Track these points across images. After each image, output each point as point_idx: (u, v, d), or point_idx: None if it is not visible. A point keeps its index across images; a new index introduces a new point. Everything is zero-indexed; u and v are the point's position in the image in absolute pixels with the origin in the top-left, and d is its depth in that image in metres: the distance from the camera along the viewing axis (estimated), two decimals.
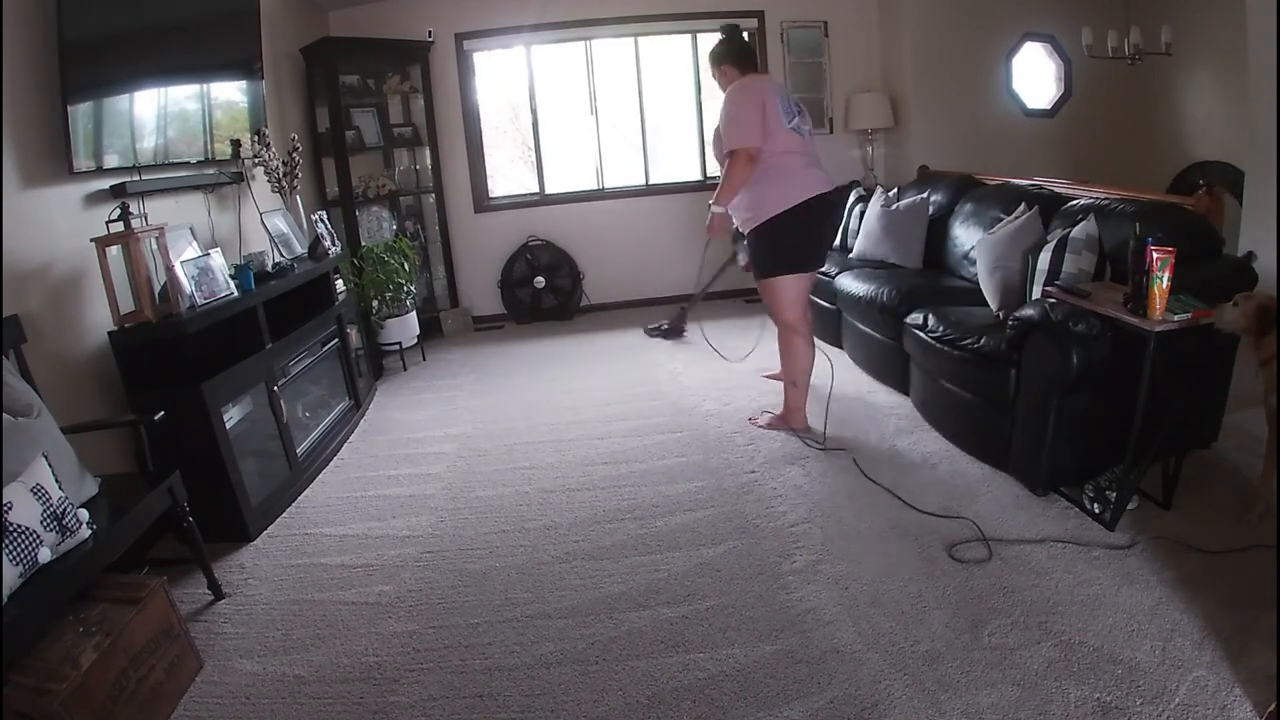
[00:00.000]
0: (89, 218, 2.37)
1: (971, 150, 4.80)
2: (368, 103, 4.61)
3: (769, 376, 3.48)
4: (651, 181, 5.32)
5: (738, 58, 2.81)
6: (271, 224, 3.26)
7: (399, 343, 4.25)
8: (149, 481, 1.98)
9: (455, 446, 3.10)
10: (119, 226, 2.26)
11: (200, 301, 2.42)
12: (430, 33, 4.75)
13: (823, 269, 3.27)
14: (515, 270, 5.13)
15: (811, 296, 3.47)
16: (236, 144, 3.13)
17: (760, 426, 2.99)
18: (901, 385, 3.15)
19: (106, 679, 1.52)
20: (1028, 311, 2.23)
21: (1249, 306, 1.88)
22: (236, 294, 2.58)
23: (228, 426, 2.40)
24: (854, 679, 1.62)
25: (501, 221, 5.17)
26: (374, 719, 1.63)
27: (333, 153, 4.37)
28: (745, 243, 3.02)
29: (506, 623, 1.92)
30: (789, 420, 2.94)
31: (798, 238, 2.71)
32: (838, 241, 4.06)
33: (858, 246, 3.94)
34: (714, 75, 2.86)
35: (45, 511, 1.57)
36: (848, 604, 1.87)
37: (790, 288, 2.78)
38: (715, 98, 5.56)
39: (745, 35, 3.04)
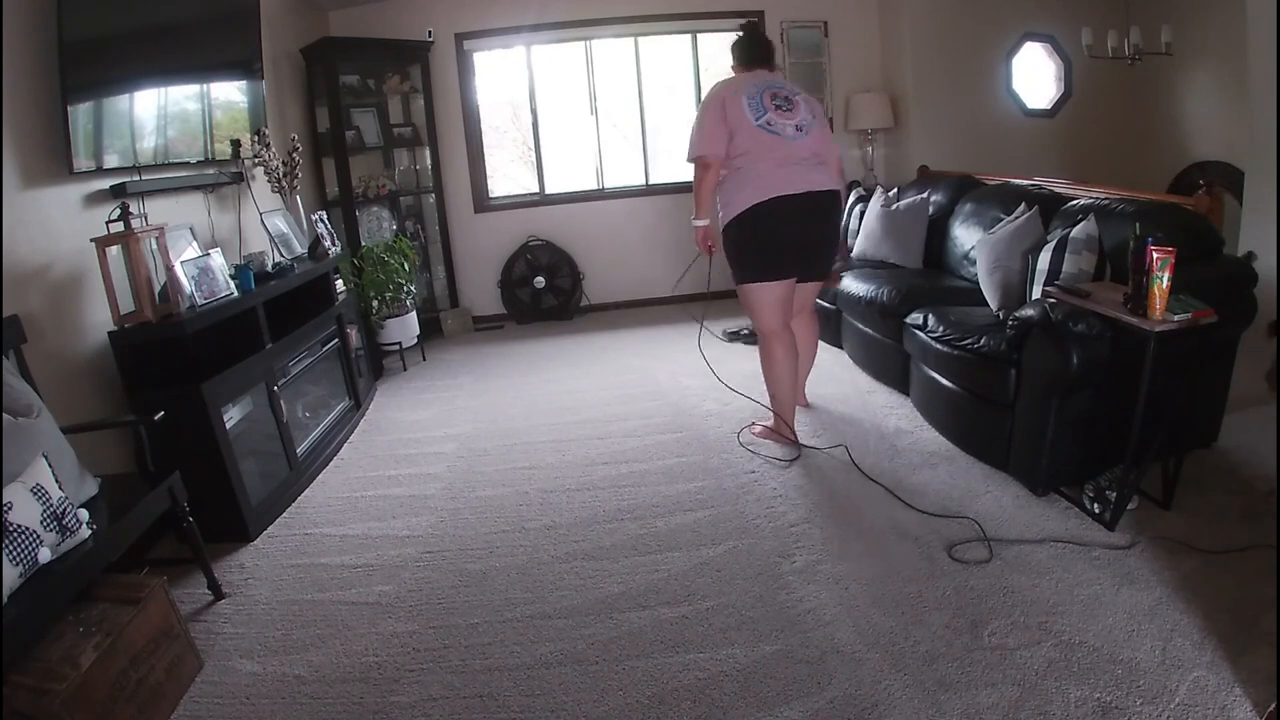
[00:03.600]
0: (89, 218, 2.37)
1: (971, 150, 4.80)
2: (368, 103, 4.61)
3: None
4: (651, 181, 5.33)
5: (738, 55, 2.74)
6: (271, 224, 3.26)
7: (399, 343, 4.25)
8: (149, 481, 1.98)
9: (455, 446, 3.10)
10: (119, 226, 2.26)
11: (200, 301, 2.42)
12: (430, 33, 4.75)
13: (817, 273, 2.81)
14: (515, 270, 5.14)
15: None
16: (236, 144, 3.13)
17: (755, 434, 2.88)
18: (901, 385, 3.15)
19: (106, 679, 1.52)
20: (1028, 311, 2.23)
21: None
22: (236, 294, 2.58)
23: (228, 426, 2.40)
24: (854, 679, 1.62)
25: (501, 221, 5.17)
26: (374, 719, 1.63)
27: (333, 153, 4.37)
28: None
29: (506, 623, 1.92)
30: (778, 435, 2.82)
31: (756, 243, 2.57)
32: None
33: (858, 246, 3.94)
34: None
35: (45, 511, 1.57)
36: (848, 604, 1.87)
37: (762, 295, 2.63)
38: None
39: (754, 29, 2.83)
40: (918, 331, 2.82)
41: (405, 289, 4.26)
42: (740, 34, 2.79)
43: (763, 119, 2.51)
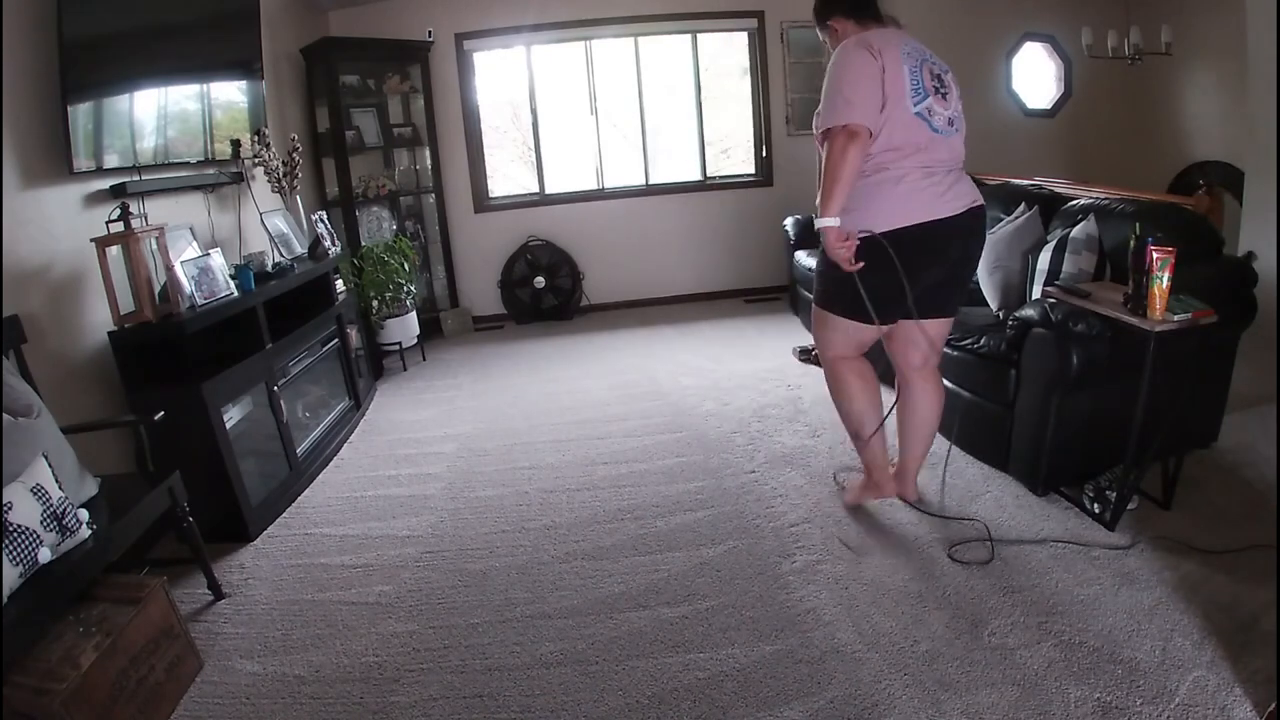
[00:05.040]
0: (89, 218, 2.37)
1: (971, 150, 4.77)
2: (368, 103, 4.61)
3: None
4: (651, 181, 5.32)
5: (851, 4, 1.98)
6: (271, 224, 3.26)
7: (399, 343, 4.25)
8: (149, 481, 1.98)
9: (455, 446, 3.10)
10: (119, 226, 2.26)
11: (200, 301, 2.42)
12: (430, 33, 4.75)
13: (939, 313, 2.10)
14: (515, 270, 5.14)
15: (806, 294, 3.26)
16: (236, 144, 3.13)
17: (849, 501, 2.31)
18: None
19: (106, 679, 1.52)
20: (1028, 311, 2.23)
21: None
22: (236, 294, 2.58)
23: (228, 426, 2.40)
24: (854, 679, 1.62)
25: (501, 221, 5.17)
26: (374, 719, 1.63)
27: (333, 153, 4.37)
28: None
29: (506, 623, 1.92)
30: (873, 490, 2.22)
31: (880, 278, 1.88)
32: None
33: None
34: (822, 38, 2.08)
35: (45, 511, 1.57)
36: (848, 604, 1.87)
37: (845, 330, 2.05)
38: (715, 98, 5.50)
39: None
40: None
41: (405, 289, 4.26)
42: None
43: (922, 105, 1.82)
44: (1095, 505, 2.13)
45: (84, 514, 1.69)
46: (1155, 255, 1.83)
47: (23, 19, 2.19)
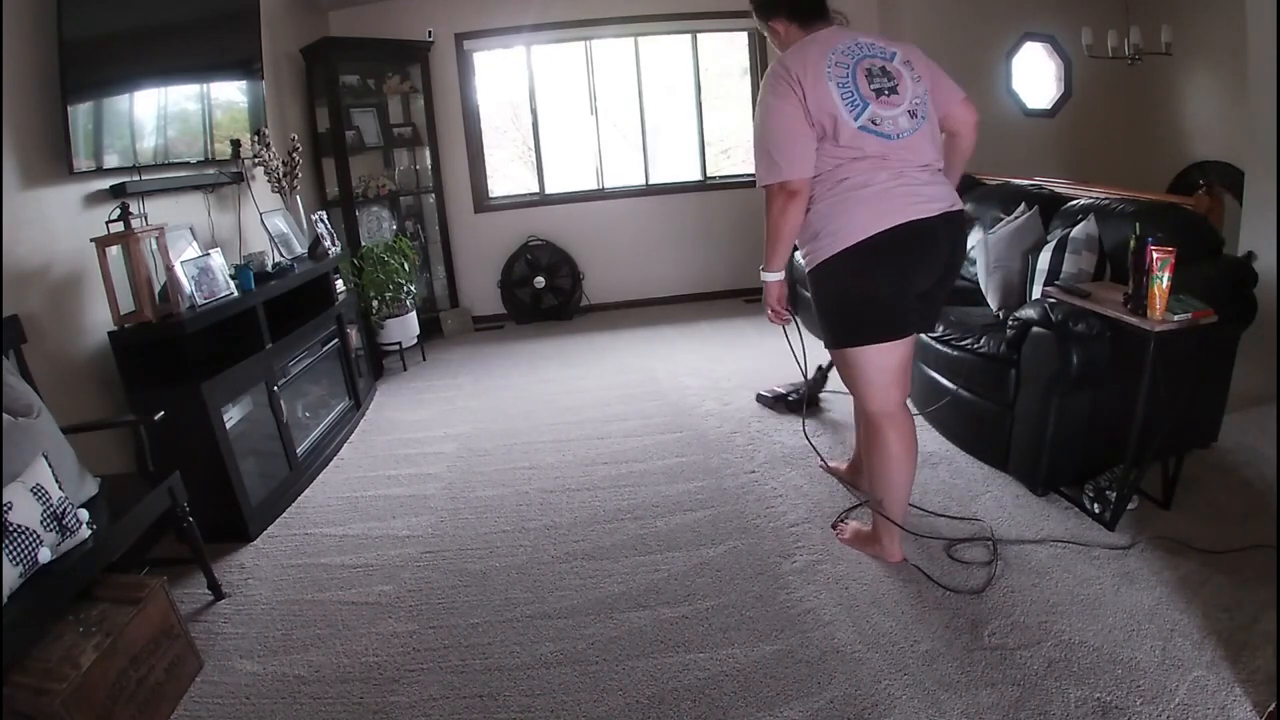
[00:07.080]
0: (89, 218, 2.37)
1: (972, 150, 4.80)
2: (368, 103, 4.61)
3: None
4: (651, 181, 5.32)
5: (787, 7, 1.84)
6: (271, 224, 3.26)
7: (399, 343, 4.25)
8: (149, 481, 1.98)
9: (455, 446, 3.10)
10: (119, 226, 2.26)
11: (200, 301, 2.42)
12: (430, 33, 4.75)
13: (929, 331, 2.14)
14: (515, 270, 5.14)
15: (806, 294, 3.27)
16: (236, 144, 3.13)
17: (842, 540, 2.16)
18: None
19: (106, 679, 1.52)
20: (1028, 311, 2.23)
21: None
22: (236, 294, 2.58)
23: (228, 426, 2.40)
24: (854, 679, 1.62)
25: (501, 221, 5.17)
26: (374, 719, 1.63)
27: (333, 153, 4.37)
28: None
29: (506, 623, 1.92)
30: (875, 547, 2.05)
31: (874, 288, 1.79)
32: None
33: None
34: (770, 40, 1.94)
35: (45, 511, 1.57)
36: (848, 604, 1.87)
37: (877, 361, 1.84)
38: (715, 98, 5.49)
39: None
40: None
41: (405, 289, 4.26)
42: None
43: (864, 116, 1.69)
44: (1095, 505, 2.13)
45: (84, 514, 1.69)
46: (1155, 255, 1.83)
47: (23, 19, 2.19)
